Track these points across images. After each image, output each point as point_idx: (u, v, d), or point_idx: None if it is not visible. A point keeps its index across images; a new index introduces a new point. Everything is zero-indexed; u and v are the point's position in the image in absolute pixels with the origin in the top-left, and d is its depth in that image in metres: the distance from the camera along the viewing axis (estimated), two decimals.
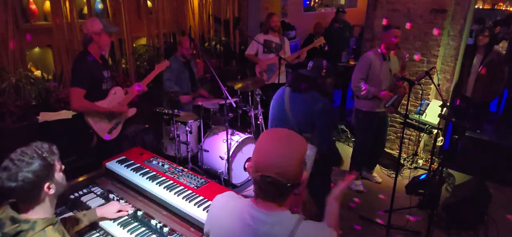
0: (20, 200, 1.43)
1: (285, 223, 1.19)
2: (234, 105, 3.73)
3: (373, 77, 3.64)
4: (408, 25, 4.36)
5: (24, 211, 1.44)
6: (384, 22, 4.46)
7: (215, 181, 2.41)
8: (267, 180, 1.16)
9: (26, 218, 1.41)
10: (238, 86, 3.92)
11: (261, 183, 1.18)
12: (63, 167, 1.56)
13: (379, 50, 3.67)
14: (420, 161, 4.63)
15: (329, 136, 2.61)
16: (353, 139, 4.16)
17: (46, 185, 1.43)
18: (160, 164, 2.44)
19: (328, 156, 2.64)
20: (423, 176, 4.04)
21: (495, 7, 11.66)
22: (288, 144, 1.20)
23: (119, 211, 2.03)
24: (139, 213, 2.06)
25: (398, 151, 3.38)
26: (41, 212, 1.45)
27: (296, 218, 1.21)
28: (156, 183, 2.19)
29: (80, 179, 2.33)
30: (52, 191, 1.46)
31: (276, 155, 1.16)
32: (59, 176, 1.50)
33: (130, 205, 2.10)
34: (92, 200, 2.18)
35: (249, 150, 3.98)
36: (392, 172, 4.39)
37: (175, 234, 1.90)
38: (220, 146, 3.78)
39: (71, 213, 2.06)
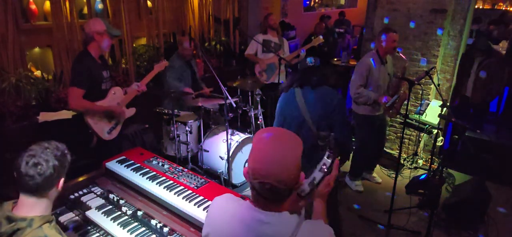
0: (35, 189, 1.42)
1: (286, 223, 1.20)
2: (234, 105, 3.73)
3: (372, 82, 3.61)
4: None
5: (23, 205, 1.44)
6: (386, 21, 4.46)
7: (215, 181, 2.42)
8: (266, 187, 1.15)
9: (22, 216, 1.42)
10: (236, 83, 3.93)
11: (260, 189, 1.17)
12: None
13: (376, 53, 3.64)
14: (420, 161, 4.63)
15: (348, 128, 2.59)
16: (354, 140, 4.16)
17: (62, 180, 1.48)
18: (160, 164, 2.44)
19: (343, 150, 2.62)
20: (423, 176, 4.04)
21: (495, 7, 11.66)
22: (285, 148, 1.17)
23: None
24: (139, 213, 2.06)
25: (398, 151, 3.38)
26: (39, 210, 1.46)
27: (297, 217, 1.22)
28: (156, 183, 2.19)
29: (80, 179, 2.33)
30: (60, 189, 1.50)
31: (273, 161, 1.14)
32: (65, 175, 1.54)
33: None
34: (92, 200, 2.19)
35: (249, 150, 3.95)
36: (392, 172, 4.39)
37: (175, 234, 1.90)
38: (220, 146, 3.78)
39: (70, 213, 2.07)
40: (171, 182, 2.21)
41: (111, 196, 2.20)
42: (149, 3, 4.84)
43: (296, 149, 1.18)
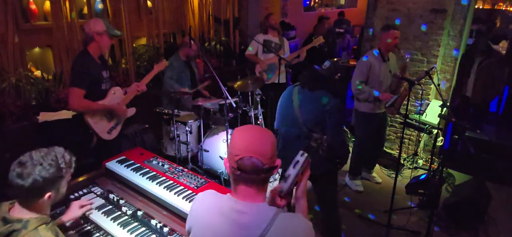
0: (19, 197, 1.43)
1: (263, 213, 1.24)
2: (234, 105, 3.73)
3: (373, 79, 3.63)
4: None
5: (17, 208, 1.44)
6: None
7: (215, 181, 2.42)
8: (246, 163, 1.22)
9: (18, 218, 1.41)
10: (237, 84, 3.93)
11: (240, 166, 1.23)
12: (70, 177, 1.56)
13: (378, 51, 3.66)
14: (420, 161, 4.63)
15: (340, 134, 2.61)
16: (353, 139, 4.15)
17: (48, 194, 1.44)
18: (160, 164, 2.44)
19: (337, 155, 2.65)
20: (423, 176, 4.04)
21: (495, 7, 11.64)
22: (260, 130, 1.31)
23: (82, 206, 1.91)
24: (139, 213, 2.06)
25: (398, 151, 3.38)
26: (34, 212, 1.46)
27: (274, 209, 1.26)
28: (156, 183, 2.19)
29: (80, 179, 2.33)
30: (51, 200, 1.47)
31: (251, 138, 1.26)
32: (63, 187, 1.51)
33: (91, 201, 1.99)
34: (92, 200, 2.18)
35: None
36: (392, 172, 4.38)
37: (175, 234, 1.90)
38: (220, 146, 3.78)
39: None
40: (171, 182, 2.21)
41: (111, 196, 2.20)
42: (149, 3, 4.84)
43: (269, 133, 1.31)
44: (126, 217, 2.05)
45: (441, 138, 4.31)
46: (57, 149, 1.48)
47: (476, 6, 5.45)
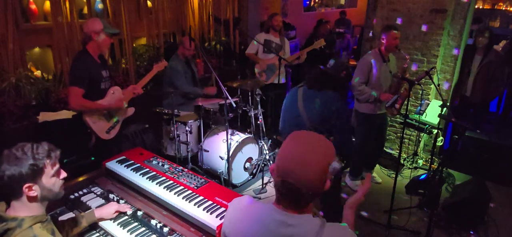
0: (2, 194, 1.42)
1: (309, 225, 1.15)
2: (234, 105, 3.73)
3: (373, 79, 3.63)
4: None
5: (14, 207, 1.44)
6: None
7: (215, 181, 2.42)
8: (288, 187, 1.12)
9: (13, 216, 1.41)
10: (237, 84, 3.93)
11: (282, 188, 1.15)
12: (62, 174, 1.53)
13: (378, 51, 3.65)
14: (420, 161, 4.63)
15: (348, 135, 2.61)
16: (354, 139, 4.15)
17: (26, 186, 1.40)
18: (160, 164, 2.44)
19: (343, 156, 2.65)
20: (423, 176, 4.04)
21: (495, 7, 11.64)
22: (314, 151, 1.13)
23: (117, 211, 2.03)
24: (139, 213, 2.06)
25: (398, 151, 3.38)
26: (26, 210, 1.43)
27: (320, 220, 1.18)
28: (156, 183, 2.19)
29: (80, 179, 2.33)
30: (33, 194, 1.42)
31: (298, 161, 1.11)
32: (49, 181, 1.46)
33: (129, 206, 2.10)
34: (92, 200, 2.18)
35: (249, 150, 3.98)
36: (392, 172, 4.38)
37: (175, 234, 1.90)
38: (220, 146, 3.78)
39: (70, 213, 2.07)
40: (171, 182, 2.21)
41: (111, 196, 2.20)
42: (149, 3, 4.84)
43: (325, 154, 1.14)
44: (126, 217, 2.05)
45: (441, 138, 4.31)
46: (35, 144, 1.45)
47: (476, 6, 5.45)
